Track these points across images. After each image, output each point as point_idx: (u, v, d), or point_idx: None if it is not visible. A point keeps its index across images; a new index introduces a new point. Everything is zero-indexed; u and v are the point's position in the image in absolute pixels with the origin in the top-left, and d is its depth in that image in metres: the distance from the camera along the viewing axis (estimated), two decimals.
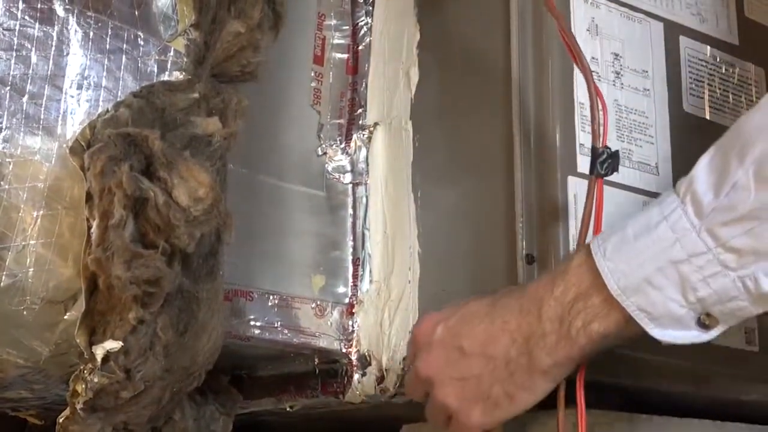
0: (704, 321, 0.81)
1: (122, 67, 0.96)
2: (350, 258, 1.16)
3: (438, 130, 1.12)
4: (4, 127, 0.90)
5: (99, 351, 0.88)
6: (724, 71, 1.16)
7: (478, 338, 0.89)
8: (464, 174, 1.09)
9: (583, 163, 1.01)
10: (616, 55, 1.07)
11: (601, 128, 0.92)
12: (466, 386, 0.90)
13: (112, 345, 0.89)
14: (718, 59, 1.16)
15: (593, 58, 1.05)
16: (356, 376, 1.13)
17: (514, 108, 1.04)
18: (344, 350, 1.13)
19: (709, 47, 1.15)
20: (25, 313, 0.90)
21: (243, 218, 1.03)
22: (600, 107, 0.92)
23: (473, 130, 1.09)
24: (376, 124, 1.17)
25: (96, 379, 0.89)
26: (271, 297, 1.10)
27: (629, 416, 1.06)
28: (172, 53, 0.99)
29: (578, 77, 1.02)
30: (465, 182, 1.08)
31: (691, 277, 0.79)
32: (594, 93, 0.92)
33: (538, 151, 1.02)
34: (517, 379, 0.88)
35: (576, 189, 1.01)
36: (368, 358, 1.12)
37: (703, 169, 0.81)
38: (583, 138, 1.02)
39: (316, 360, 1.14)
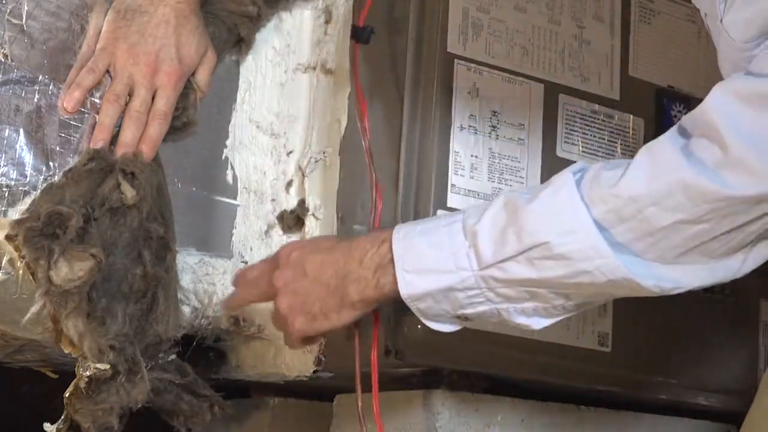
0: (462, 319, 1.10)
1: None
2: None
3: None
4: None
5: (87, 372, 1.21)
6: (601, 122, 1.41)
7: (316, 265, 1.15)
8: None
9: (453, 200, 1.30)
10: (494, 112, 1.34)
11: None
12: (297, 300, 1.15)
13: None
14: (596, 112, 1.41)
15: (471, 115, 1.33)
16: None
17: (402, 155, 1.32)
18: None
19: (586, 102, 1.41)
20: (17, 301, 1.23)
21: None
22: None
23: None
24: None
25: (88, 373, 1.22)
26: None
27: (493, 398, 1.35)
28: None
29: (455, 133, 1.31)
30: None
31: (463, 302, 1.08)
32: None
33: (417, 189, 1.30)
34: (332, 304, 1.13)
35: None
36: None
37: (486, 229, 1.05)
38: (455, 179, 1.31)
39: None
